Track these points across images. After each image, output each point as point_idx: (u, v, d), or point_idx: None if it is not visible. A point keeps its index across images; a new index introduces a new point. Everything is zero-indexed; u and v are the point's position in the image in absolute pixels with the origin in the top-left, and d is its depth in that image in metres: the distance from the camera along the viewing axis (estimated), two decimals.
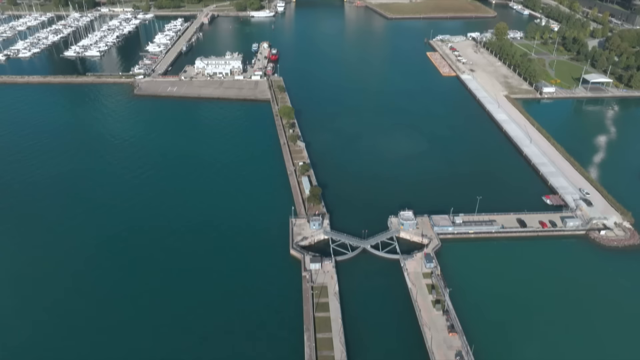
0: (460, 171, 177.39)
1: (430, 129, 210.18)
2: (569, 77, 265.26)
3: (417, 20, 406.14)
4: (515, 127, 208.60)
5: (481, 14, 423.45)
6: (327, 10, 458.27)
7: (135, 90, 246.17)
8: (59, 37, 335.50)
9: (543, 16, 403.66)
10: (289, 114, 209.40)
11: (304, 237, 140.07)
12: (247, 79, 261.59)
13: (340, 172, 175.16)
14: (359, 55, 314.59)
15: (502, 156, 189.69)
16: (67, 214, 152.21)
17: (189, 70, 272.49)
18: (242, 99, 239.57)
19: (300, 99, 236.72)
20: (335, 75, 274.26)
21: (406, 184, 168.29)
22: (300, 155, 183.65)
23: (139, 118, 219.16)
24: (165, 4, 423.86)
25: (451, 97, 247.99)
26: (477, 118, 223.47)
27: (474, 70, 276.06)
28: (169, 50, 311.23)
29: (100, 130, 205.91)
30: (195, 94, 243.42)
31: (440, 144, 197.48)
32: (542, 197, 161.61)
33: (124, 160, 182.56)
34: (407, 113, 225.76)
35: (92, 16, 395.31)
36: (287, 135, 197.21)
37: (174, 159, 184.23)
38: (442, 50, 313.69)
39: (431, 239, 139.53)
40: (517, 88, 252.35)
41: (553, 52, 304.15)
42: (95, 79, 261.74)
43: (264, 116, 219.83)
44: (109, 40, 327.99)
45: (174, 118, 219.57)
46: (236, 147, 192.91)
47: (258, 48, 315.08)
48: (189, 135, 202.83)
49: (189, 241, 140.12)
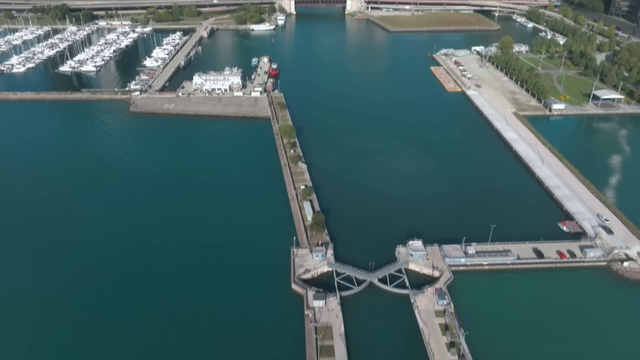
0: (471, 194, 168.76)
1: (437, 148, 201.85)
2: (578, 92, 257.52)
3: (419, 33, 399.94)
4: (526, 147, 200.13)
5: (484, 27, 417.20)
6: (328, 23, 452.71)
7: (131, 108, 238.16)
8: (55, 52, 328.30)
9: (548, 29, 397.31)
10: (290, 133, 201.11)
11: (307, 269, 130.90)
12: (247, 96, 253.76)
13: (344, 196, 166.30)
14: (362, 70, 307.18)
15: (514, 178, 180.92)
16: (57, 236, 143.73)
17: (186, 86, 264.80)
18: (241, 117, 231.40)
19: (301, 116, 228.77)
20: (337, 91, 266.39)
21: (413, 209, 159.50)
22: (301, 178, 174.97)
23: (134, 137, 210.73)
24: (164, 17, 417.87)
25: (457, 114, 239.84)
26: (486, 136, 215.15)
27: (480, 86, 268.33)
28: (167, 65, 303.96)
29: (93, 150, 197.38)
30: (193, 111, 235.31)
31: (449, 165, 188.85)
32: (558, 224, 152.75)
33: (116, 182, 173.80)
34: (412, 131, 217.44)
35: (90, 29, 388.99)
36: (288, 156, 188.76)
37: (168, 181, 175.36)
38: (447, 65, 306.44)
39: (442, 272, 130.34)
40: (526, 104, 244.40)
41: (560, 66, 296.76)
42: (90, 95, 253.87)
43: (264, 135, 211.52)
44: (105, 55, 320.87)
45: (170, 137, 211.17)
46: (235, 169, 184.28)
47: (258, 63, 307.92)
48: (186, 155, 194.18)
49: (181, 276, 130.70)
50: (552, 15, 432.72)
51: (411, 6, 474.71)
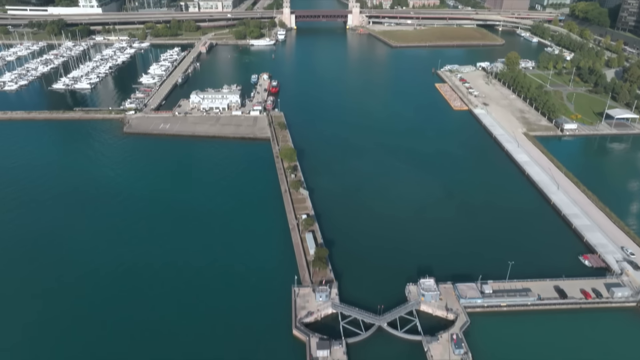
0: (484, 223, 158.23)
1: (446, 171, 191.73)
2: (590, 111, 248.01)
3: (422, 48, 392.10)
4: (539, 170, 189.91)
5: (488, 41, 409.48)
6: (329, 38, 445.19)
7: (125, 128, 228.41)
8: (49, 68, 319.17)
9: (553, 44, 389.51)
10: (291, 155, 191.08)
11: (309, 311, 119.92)
12: (246, 115, 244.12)
13: (348, 225, 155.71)
14: (365, 87, 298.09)
15: (528, 205, 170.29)
16: (44, 263, 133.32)
17: (183, 105, 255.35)
18: (239, 138, 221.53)
19: (302, 137, 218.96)
20: (340, 109, 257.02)
21: (423, 240, 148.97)
22: (303, 206, 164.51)
23: (127, 159, 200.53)
24: (162, 33, 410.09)
25: (465, 135, 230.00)
26: (496, 159, 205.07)
27: (488, 104, 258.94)
28: (164, 82, 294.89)
29: (84, 173, 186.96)
30: (190, 131, 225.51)
31: (459, 191, 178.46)
32: (579, 257, 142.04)
33: (106, 207, 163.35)
34: (419, 153, 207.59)
35: (86, 45, 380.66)
36: (289, 180, 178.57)
37: (160, 208, 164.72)
38: (452, 82, 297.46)
39: (458, 314, 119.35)
40: (536, 124, 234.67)
41: (569, 83, 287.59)
42: (83, 114, 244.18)
43: (263, 157, 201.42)
44: (101, 72, 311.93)
45: (164, 159, 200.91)
46: (232, 195, 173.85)
47: (257, 79, 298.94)
48: (180, 180, 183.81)
49: (171, 319, 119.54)
50: (558, 29, 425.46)
51: (413, 21, 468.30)
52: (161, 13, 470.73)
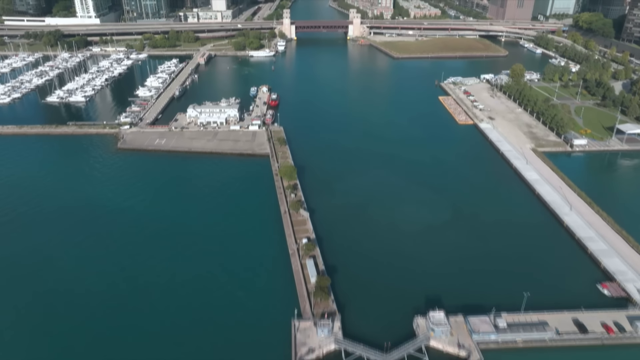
0: (494, 248, 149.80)
1: (453, 190, 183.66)
2: (599, 126, 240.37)
3: (424, 59, 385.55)
4: (550, 190, 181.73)
5: (492, 53, 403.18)
6: (330, 49, 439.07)
7: (119, 143, 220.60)
8: (44, 80, 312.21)
9: (558, 55, 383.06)
10: (291, 174, 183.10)
11: (310, 348, 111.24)
12: (244, 129, 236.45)
13: (351, 251, 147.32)
14: (366, 100, 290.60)
15: (540, 228, 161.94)
16: (29, 293, 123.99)
17: (180, 119, 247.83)
18: (237, 154, 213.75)
19: (302, 153, 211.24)
20: (341, 124, 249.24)
21: (431, 268, 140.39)
22: (303, 228, 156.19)
23: (119, 177, 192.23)
24: (160, 44, 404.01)
25: (471, 150, 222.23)
26: (504, 177, 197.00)
27: (494, 118, 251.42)
28: (161, 94, 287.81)
29: (73, 193, 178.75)
30: (186, 147, 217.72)
31: (467, 211, 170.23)
32: (597, 285, 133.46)
33: (95, 230, 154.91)
34: (424, 170, 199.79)
35: (83, 56, 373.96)
36: (289, 201, 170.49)
37: (154, 230, 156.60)
38: (456, 95, 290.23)
39: (470, 351, 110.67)
40: (544, 140, 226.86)
41: (577, 96, 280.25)
42: (77, 129, 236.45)
43: (262, 175, 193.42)
44: (96, 84, 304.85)
45: (159, 178, 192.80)
46: (229, 216, 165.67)
47: (257, 92, 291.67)
48: (175, 200, 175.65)
49: (162, 352, 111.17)
50: (562, 40, 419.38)
51: (415, 31, 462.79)
52: (159, 24, 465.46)
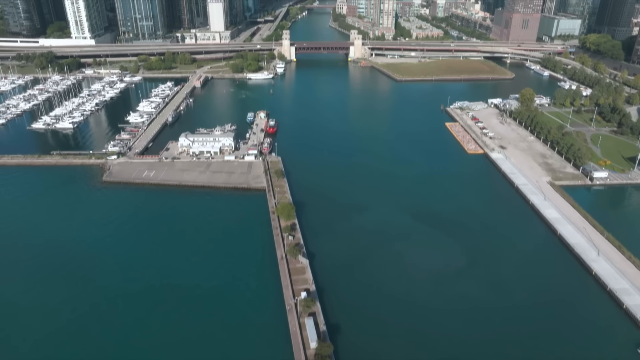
0: (515, 303, 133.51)
1: (465, 231, 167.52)
2: (619, 156, 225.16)
3: (428, 82, 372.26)
4: (573, 231, 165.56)
5: (498, 75, 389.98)
6: (331, 71, 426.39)
7: (105, 176, 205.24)
8: (32, 105, 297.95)
9: (567, 78, 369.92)
10: (289, 213, 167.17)
11: None
12: (239, 160, 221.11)
13: (356, 307, 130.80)
14: (370, 127, 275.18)
15: (565, 277, 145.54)
16: None
17: (172, 148, 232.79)
18: (232, 188, 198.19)
19: (301, 186, 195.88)
20: (343, 154, 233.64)
21: (446, 326, 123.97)
22: (302, 278, 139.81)
23: (99, 216, 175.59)
24: (156, 66, 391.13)
25: (483, 184, 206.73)
26: (520, 214, 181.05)
27: (505, 147, 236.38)
28: (153, 120, 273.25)
29: (45, 234, 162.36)
30: (176, 180, 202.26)
31: (482, 257, 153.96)
32: (638, 350, 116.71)
33: (66, 280, 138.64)
34: (433, 207, 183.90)
35: (75, 79, 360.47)
36: (286, 244, 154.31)
37: (134, 278, 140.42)
38: (463, 121, 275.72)
39: None
40: (561, 172, 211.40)
41: (591, 123, 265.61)
42: (61, 159, 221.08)
43: (257, 213, 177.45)
44: (86, 109, 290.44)
45: (144, 217, 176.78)
46: (220, 262, 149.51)
47: (254, 118, 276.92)
48: (160, 243, 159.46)
49: None
50: (570, 62, 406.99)
51: (417, 53, 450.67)
52: (156, 45, 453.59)
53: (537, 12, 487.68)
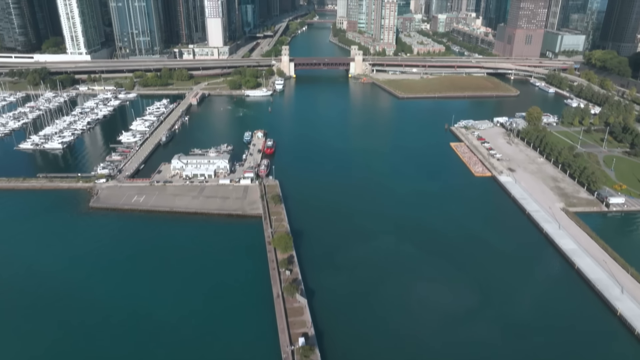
0: (534, 348, 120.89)
1: (476, 264, 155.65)
2: (634, 179, 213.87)
3: (431, 99, 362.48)
4: (592, 264, 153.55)
5: (502, 92, 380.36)
6: (331, 87, 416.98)
7: (92, 201, 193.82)
8: (21, 124, 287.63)
9: (573, 96, 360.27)
10: (286, 245, 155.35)
11: None
12: (235, 184, 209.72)
13: (359, 354, 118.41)
14: (371, 147, 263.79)
15: (588, 319, 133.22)
16: None
17: (164, 170, 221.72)
18: (226, 215, 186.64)
19: (300, 213, 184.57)
20: (344, 176, 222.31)
21: None
22: (300, 320, 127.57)
23: (85, 246, 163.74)
24: (152, 82, 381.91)
25: (492, 209, 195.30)
26: (534, 245, 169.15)
27: (514, 170, 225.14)
28: (146, 140, 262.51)
29: (23, 268, 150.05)
30: (167, 206, 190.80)
31: (495, 294, 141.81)
32: None
33: (43, 317, 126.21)
34: (440, 235, 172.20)
35: (68, 96, 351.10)
36: (282, 280, 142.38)
37: (117, 318, 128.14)
38: (469, 141, 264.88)
39: None
40: (575, 197, 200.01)
41: (603, 144, 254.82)
42: (47, 182, 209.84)
43: (253, 243, 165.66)
44: (77, 128, 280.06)
45: (131, 246, 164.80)
46: (211, 300, 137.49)
47: (251, 138, 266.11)
48: (147, 278, 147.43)
49: None
50: (576, 79, 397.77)
51: (419, 69, 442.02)
52: (153, 60, 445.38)
53: (540, 27, 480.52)
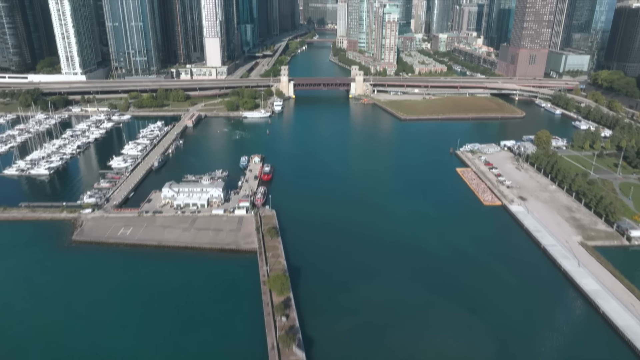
0: None
1: (491, 307, 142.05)
2: None
3: (434, 121, 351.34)
4: (619, 308, 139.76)
5: (507, 114, 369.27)
6: (331, 109, 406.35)
7: (75, 234, 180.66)
8: (8, 148, 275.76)
9: (581, 117, 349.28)
10: (282, 286, 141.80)
11: None
12: (229, 214, 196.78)
13: None
14: (373, 173, 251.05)
15: None
16: None
17: (154, 199, 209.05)
18: (218, 249, 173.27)
19: (298, 247, 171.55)
20: (345, 206, 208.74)
21: None
22: None
23: (65, 285, 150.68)
24: (147, 103, 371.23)
25: (504, 243, 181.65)
26: (552, 284, 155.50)
27: (525, 199, 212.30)
28: (138, 165, 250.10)
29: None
30: (155, 240, 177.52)
31: (514, 343, 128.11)
32: None
33: None
34: (450, 273, 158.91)
35: (59, 118, 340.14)
36: (278, 328, 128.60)
37: None
38: (476, 166, 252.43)
39: None
40: (593, 229, 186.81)
41: (618, 170, 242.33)
42: (28, 213, 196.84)
43: (246, 283, 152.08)
44: (66, 152, 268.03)
45: (114, 285, 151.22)
46: (200, 351, 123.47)
47: (247, 163, 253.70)
48: (130, 324, 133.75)
49: None
50: (582, 100, 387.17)
51: (421, 89, 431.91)
52: (149, 81, 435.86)
53: (544, 47, 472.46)
